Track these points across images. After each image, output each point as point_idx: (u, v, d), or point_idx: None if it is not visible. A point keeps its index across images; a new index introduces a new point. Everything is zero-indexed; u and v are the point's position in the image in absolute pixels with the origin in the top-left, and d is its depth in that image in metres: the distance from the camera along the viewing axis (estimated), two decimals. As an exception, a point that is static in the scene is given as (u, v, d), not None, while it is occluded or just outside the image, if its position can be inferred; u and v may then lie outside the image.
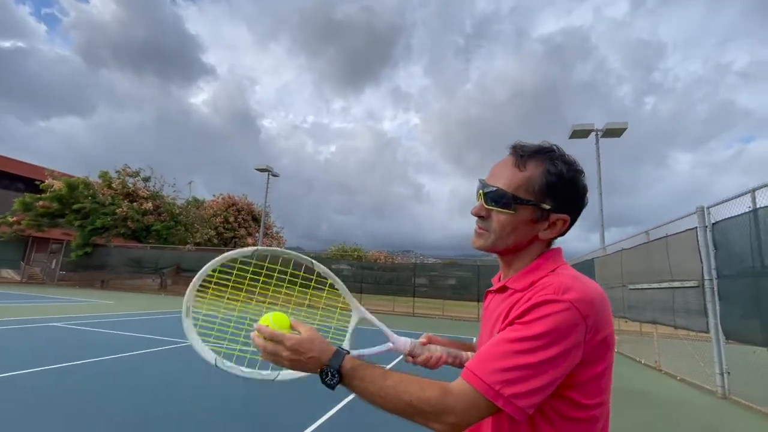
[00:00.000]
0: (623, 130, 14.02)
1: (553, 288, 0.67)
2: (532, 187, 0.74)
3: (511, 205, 0.75)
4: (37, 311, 10.17)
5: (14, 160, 26.87)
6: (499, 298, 0.80)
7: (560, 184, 0.74)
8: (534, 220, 0.76)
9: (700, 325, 5.62)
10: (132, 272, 23.20)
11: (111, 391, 3.96)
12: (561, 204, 0.75)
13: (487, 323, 0.83)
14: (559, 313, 0.64)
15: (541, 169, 0.75)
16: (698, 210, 5.78)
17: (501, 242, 0.78)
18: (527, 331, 0.64)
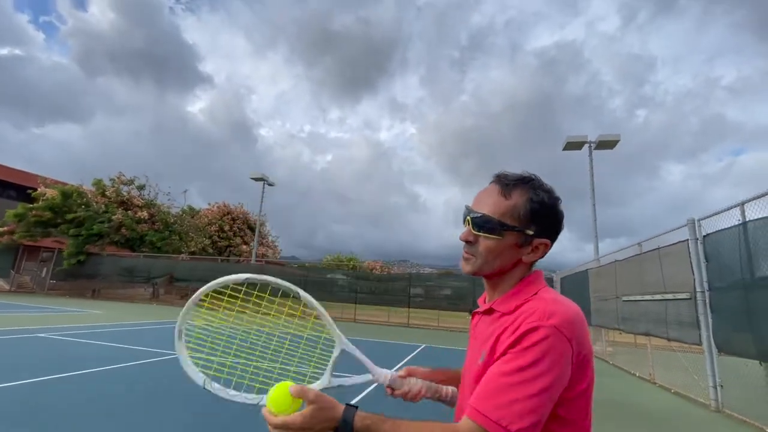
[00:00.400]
0: (616, 142, 14.17)
1: (538, 314, 0.71)
2: (517, 213, 0.80)
3: (498, 230, 0.79)
4: (23, 321, 9.97)
5: (6, 167, 26.67)
6: (487, 320, 0.85)
7: (543, 211, 0.81)
8: (518, 245, 0.81)
9: (693, 338, 5.59)
10: (124, 281, 22.91)
11: (89, 406, 3.85)
12: (543, 229, 0.81)
13: (474, 344, 0.87)
14: (548, 339, 0.68)
15: (525, 197, 0.81)
16: (689, 222, 5.80)
17: (487, 266, 0.82)
18: (522, 361, 0.68)
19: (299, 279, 20.51)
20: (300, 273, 21.46)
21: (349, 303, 19.10)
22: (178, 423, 3.59)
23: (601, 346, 10.23)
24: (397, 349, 9.57)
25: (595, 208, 14.21)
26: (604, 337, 10.20)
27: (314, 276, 21.11)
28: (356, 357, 1.02)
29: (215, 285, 1.01)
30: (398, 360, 7.91)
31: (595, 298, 10.19)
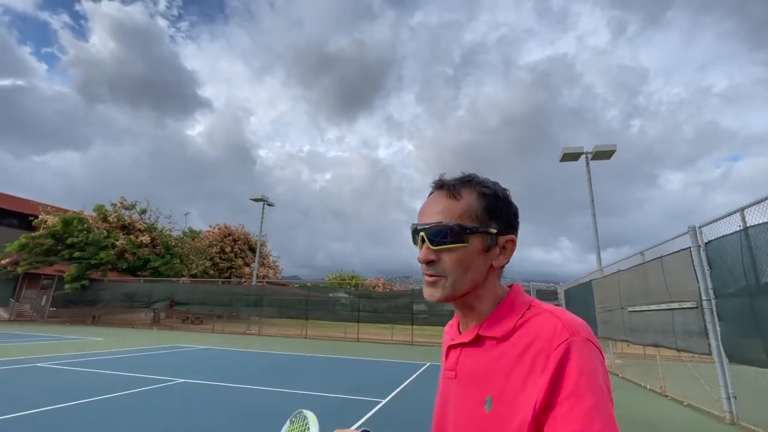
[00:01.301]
0: (612, 153, 14.29)
1: (559, 331, 0.60)
2: (474, 213, 0.69)
3: (461, 236, 0.67)
4: (23, 351, 9.84)
5: (8, 196, 26.84)
6: (476, 353, 0.69)
7: (499, 204, 0.71)
8: (486, 249, 0.69)
9: (702, 347, 5.49)
10: (124, 307, 22.71)
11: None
12: (505, 225, 0.71)
13: (465, 388, 0.68)
14: (589, 356, 0.58)
15: (475, 193, 0.70)
16: (690, 230, 5.79)
17: (460, 284, 0.68)
18: (589, 402, 0.54)
19: (301, 299, 20.34)
20: (302, 293, 21.27)
21: (351, 322, 18.87)
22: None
23: (609, 359, 10.04)
24: (401, 368, 9.40)
25: (596, 219, 14.21)
26: (611, 350, 10.03)
27: (316, 296, 20.92)
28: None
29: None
30: (402, 381, 7.75)
31: (600, 309, 10.07)
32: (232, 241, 35.39)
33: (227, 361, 9.75)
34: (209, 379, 6.98)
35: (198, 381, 6.80)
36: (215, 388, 6.33)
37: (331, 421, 4.74)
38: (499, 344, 0.65)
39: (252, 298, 20.54)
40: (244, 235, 36.41)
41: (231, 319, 23.09)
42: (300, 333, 19.22)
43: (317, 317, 19.74)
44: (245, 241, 36.22)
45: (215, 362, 9.51)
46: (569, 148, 14.86)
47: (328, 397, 5.98)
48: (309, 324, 19.51)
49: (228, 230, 36.03)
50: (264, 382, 7.07)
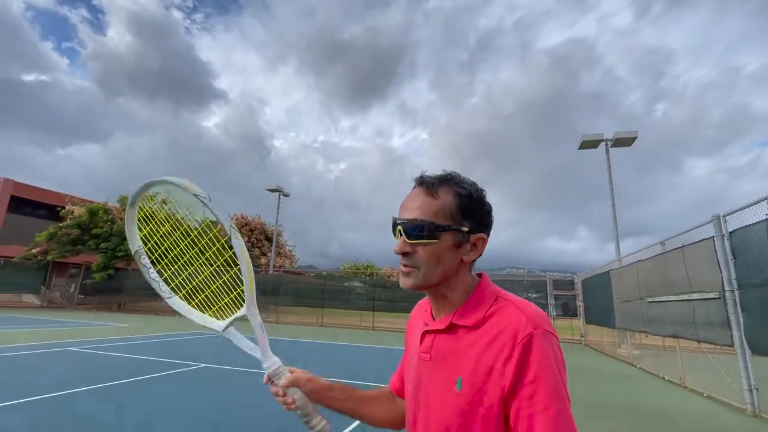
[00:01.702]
0: (633, 139, 13.87)
1: (523, 323, 0.68)
2: (448, 211, 0.74)
3: (434, 233, 0.73)
4: (56, 335, 10.36)
5: (37, 188, 27.90)
6: (449, 339, 0.76)
7: (473, 205, 0.76)
8: (457, 245, 0.75)
9: (724, 339, 5.38)
10: (147, 295, 23.53)
11: (125, 416, 3.97)
12: (477, 224, 0.76)
13: (438, 368, 0.75)
14: (549, 345, 0.67)
15: (452, 193, 0.76)
16: (714, 219, 5.63)
17: (431, 275, 0.75)
18: (544, 384, 0.64)
19: (317, 288, 20.68)
20: (318, 282, 21.62)
21: (367, 311, 19.11)
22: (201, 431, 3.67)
23: (627, 350, 9.92)
24: (417, 356, 9.49)
25: (615, 208, 13.90)
26: (629, 340, 9.89)
27: (332, 285, 21.22)
28: (255, 334, 0.94)
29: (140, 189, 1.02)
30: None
31: (618, 300, 9.92)
32: (249, 231, 36.04)
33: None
34: (230, 364, 7.22)
35: (219, 366, 7.05)
36: (235, 372, 6.55)
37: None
38: (471, 332, 0.73)
39: (269, 287, 21.00)
40: (260, 225, 37.01)
41: (249, 307, 23.67)
42: (316, 321, 19.59)
43: (333, 306, 20.07)
44: (261, 231, 36.82)
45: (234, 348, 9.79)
46: (588, 135, 14.49)
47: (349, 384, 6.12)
48: (325, 312, 19.86)
49: (245, 220, 36.68)
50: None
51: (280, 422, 3.99)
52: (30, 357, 7.08)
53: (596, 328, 12.97)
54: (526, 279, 19.39)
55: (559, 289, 16.31)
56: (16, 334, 10.23)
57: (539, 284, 17.19)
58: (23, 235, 24.29)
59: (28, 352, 7.58)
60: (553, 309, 15.93)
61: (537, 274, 19.07)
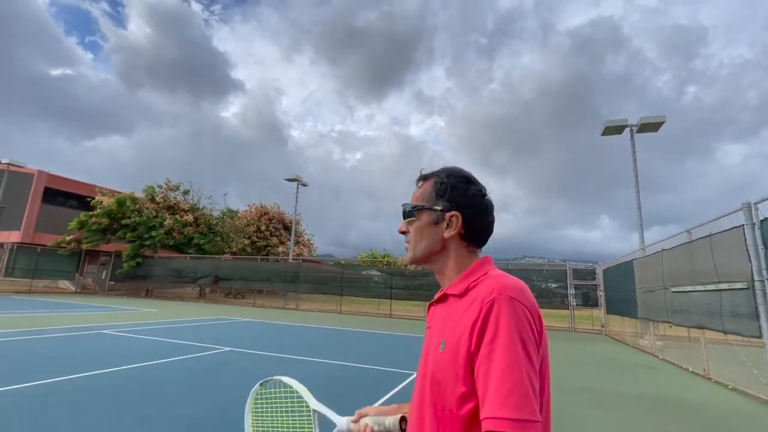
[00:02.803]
0: (660, 124, 13.34)
1: (491, 290, 0.76)
2: (426, 196, 0.92)
3: (413, 212, 0.93)
4: (90, 319, 10.95)
5: (68, 179, 29.10)
6: (441, 307, 0.89)
7: (445, 188, 0.90)
8: (434, 222, 0.90)
9: (752, 330, 5.22)
10: (173, 282, 24.44)
11: (156, 393, 4.21)
12: (451, 204, 0.89)
13: (431, 333, 0.88)
14: (510, 309, 0.72)
15: (432, 181, 0.93)
16: (744, 206, 5.41)
17: (418, 249, 0.91)
18: (500, 342, 0.70)
19: (336, 276, 20.98)
20: (336, 270, 21.90)
21: (384, 299, 19.30)
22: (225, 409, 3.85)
23: (649, 340, 9.73)
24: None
25: (639, 195, 13.47)
26: (652, 331, 9.69)
27: (350, 273, 21.48)
28: (323, 413, 1.05)
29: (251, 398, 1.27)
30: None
31: (641, 290, 9.70)
32: (268, 220, 36.69)
33: (268, 333, 10.37)
34: (252, 348, 7.49)
35: (242, 350, 7.33)
36: (258, 356, 6.80)
37: (367, 390, 5.01)
38: (457, 300, 0.84)
39: (289, 275, 21.43)
40: (278, 214, 37.60)
41: (270, 295, 24.27)
42: (335, 308, 19.93)
43: (351, 294, 20.35)
44: (280, 220, 37.42)
45: (257, 333, 10.14)
46: (612, 120, 14.01)
47: (363, 368, 6.27)
48: (343, 300, 20.17)
49: (264, 209, 37.33)
50: (302, 352, 7.50)
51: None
52: (67, 339, 7.53)
53: (617, 318, 12.74)
54: (546, 268, 19.10)
55: (579, 279, 16.02)
56: (55, 318, 10.86)
57: (559, 274, 16.92)
58: (57, 225, 25.50)
59: (65, 334, 8.06)
60: (573, 299, 15.69)
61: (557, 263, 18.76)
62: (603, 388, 5.63)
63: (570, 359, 8.28)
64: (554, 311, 16.34)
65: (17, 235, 25.78)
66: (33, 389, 4.15)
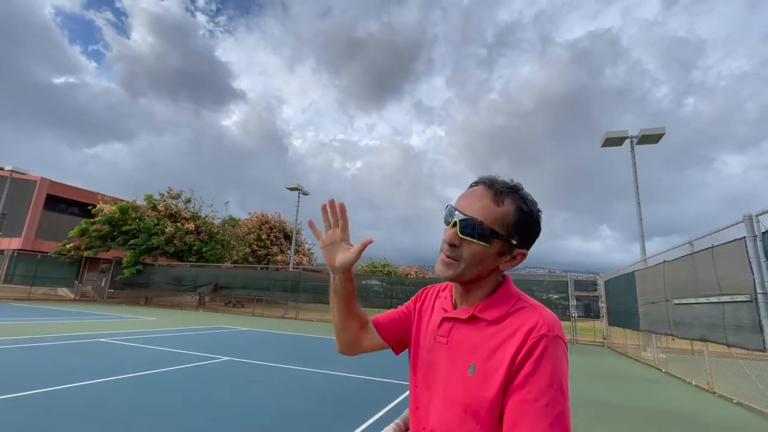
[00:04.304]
0: (660, 136, 13.40)
1: (538, 324, 0.74)
2: (507, 222, 0.78)
3: (488, 238, 0.78)
4: (88, 327, 10.87)
5: (70, 186, 29.21)
6: (468, 329, 0.82)
7: (528, 222, 0.81)
8: (501, 253, 0.81)
9: (755, 343, 5.16)
10: (173, 290, 24.34)
11: (153, 403, 4.16)
12: (525, 240, 0.82)
13: (454, 354, 0.82)
14: (556, 348, 0.72)
15: (515, 206, 0.80)
16: (746, 218, 5.40)
17: (469, 272, 0.80)
18: (543, 378, 0.69)
19: (335, 285, 20.85)
20: (336, 279, 21.80)
21: (385, 309, 19.16)
22: (222, 420, 3.80)
23: (652, 353, 9.62)
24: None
25: (640, 207, 13.46)
26: (655, 343, 9.58)
27: (350, 282, 21.36)
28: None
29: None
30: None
31: (642, 302, 9.62)
32: (269, 229, 36.70)
33: (267, 342, 10.28)
34: (251, 358, 7.42)
35: (241, 359, 7.25)
36: (257, 366, 6.73)
37: (367, 401, 4.94)
38: (490, 326, 0.79)
39: (289, 284, 21.34)
40: (279, 223, 37.62)
41: (270, 304, 24.13)
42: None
43: (351, 303, 20.18)
44: (281, 229, 37.43)
45: (256, 343, 10.06)
46: (612, 132, 14.08)
47: (365, 379, 6.20)
48: (343, 310, 20.02)
49: (265, 218, 37.37)
50: (301, 362, 7.42)
51: (300, 410, 4.08)
52: (64, 347, 7.47)
53: (619, 330, 12.62)
54: (547, 279, 18.99)
55: (581, 290, 15.92)
56: (52, 325, 10.79)
57: (560, 284, 16.82)
58: (58, 232, 25.52)
59: (62, 342, 8.00)
60: (575, 310, 15.56)
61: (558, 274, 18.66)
62: (606, 402, 5.55)
63: (572, 372, 8.11)
64: (556, 322, 16.15)
65: (18, 241, 25.80)
66: (29, 398, 4.10)
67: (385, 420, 3.99)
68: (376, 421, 3.94)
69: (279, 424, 3.83)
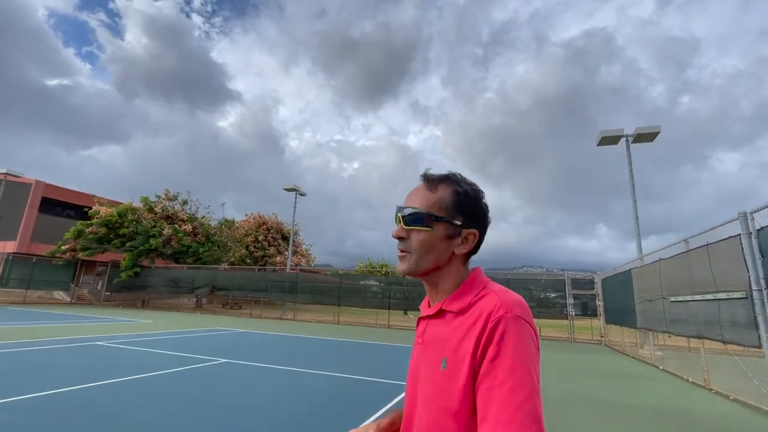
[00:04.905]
0: (656, 135, 13.47)
1: (497, 307, 0.73)
2: (444, 205, 0.82)
3: (427, 222, 0.81)
4: (84, 330, 10.80)
5: (65, 189, 29.04)
6: (438, 324, 0.83)
7: (467, 202, 0.83)
8: (449, 236, 0.82)
9: (751, 340, 5.20)
10: (170, 292, 24.23)
11: (151, 406, 4.14)
12: (470, 220, 0.83)
13: (427, 351, 0.82)
14: (521, 332, 0.70)
15: (450, 189, 0.83)
16: (741, 216, 5.44)
17: (422, 261, 0.82)
18: (506, 362, 0.68)
19: (334, 286, 20.86)
20: (334, 280, 21.79)
21: (382, 309, 19.19)
22: (221, 422, 3.78)
23: (649, 350, 9.67)
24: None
25: (636, 205, 13.53)
26: (652, 341, 9.63)
27: (348, 283, 21.36)
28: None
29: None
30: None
31: (639, 300, 9.67)
32: (266, 230, 36.62)
33: (265, 344, 10.26)
34: (249, 360, 7.40)
35: (238, 361, 7.23)
36: (254, 368, 6.71)
37: (364, 402, 4.94)
38: (457, 317, 0.79)
39: (287, 285, 21.29)
40: (276, 224, 37.54)
41: (267, 305, 24.07)
42: (333, 319, 19.78)
43: (349, 304, 20.22)
44: (278, 230, 37.35)
45: (254, 344, 10.03)
46: (608, 131, 14.15)
47: (361, 380, 6.19)
48: (341, 310, 20.03)
49: (262, 219, 37.28)
50: (299, 363, 7.41)
51: (299, 411, 4.08)
52: (61, 351, 7.42)
53: (617, 328, 12.68)
54: (544, 278, 19.06)
55: (578, 289, 15.98)
56: (48, 329, 10.72)
57: (558, 283, 16.88)
58: (54, 235, 25.36)
59: (58, 345, 7.94)
60: (572, 308, 15.62)
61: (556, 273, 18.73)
62: (603, 399, 5.57)
63: (570, 370, 8.20)
64: (553, 321, 16.26)
65: (13, 245, 25.62)
66: (26, 402, 4.07)
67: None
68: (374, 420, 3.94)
69: (277, 424, 3.82)
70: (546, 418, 0.69)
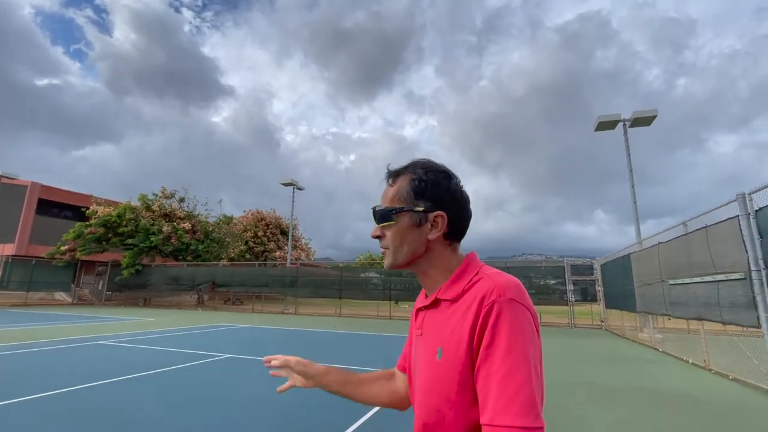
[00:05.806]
0: (653, 118, 13.42)
1: (490, 292, 0.71)
2: (402, 196, 0.84)
3: (390, 216, 0.83)
4: (87, 330, 10.83)
5: (62, 190, 28.88)
6: (434, 313, 0.82)
7: (424, 186, 0.82)
8: (416, 224, 0.82)
9: (750, 320, 5.23)
10: (171, 290, 24.28)
11: (155, 403, 4.16)
12: (433, 203, 0.82)
13: (424, 341, 0.82)
14: (517, 314, 0.68)
15: (407, 179, 0.84)
16: (739, 197, 5.44)
17: (399, 254, 0.83)
18: (500, 347, 0.66)
19: (334, 279, 20.92)
20: (334, 273, 21.85)
21: (384, 301, 19.29)
22: (225, 417, 3.81)
23: (649, 333, 9.75)
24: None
25: (634, 189, 13.53)
26: (651, 324, 9.71)
27: (348, 276, 21.44)
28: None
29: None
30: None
31: (638, 284, 9.73)
32: (265, 226, 36.59)
33: (267, 339, 10.31)
34: (252, 354, 7.44)
35: (241, 356, 7.27)
36: (258, 363, 6.74)
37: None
38: (451, 305, 0.78)
39: (287, 279, 21.35)
40: (275, 219, 37.51)
41: (269, 300, 24.16)
42: (334, 312, 19.88)
43: (350, 296, 20.31)
44: (277, 225, 37.33)
45: (256, 339, 10.08)
46: (605, 116, 14.08)
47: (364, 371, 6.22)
48: (343, 303, 20.13)
49: (260, 215, 37.23)
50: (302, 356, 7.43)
51: (302, 404, 4.11)
52: (64, 351, 7.44)
53: (616, 312, 12.77)
54: (543, 265, 19.13)
55: (577, 275, 16.06)
56: (51, 330, 10.74)
57: (557, 270, 16.95)
58: (52, 236, 25.29)
59: (62, 346, 7.96)
60: (572, 294, 15.72)
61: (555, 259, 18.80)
62: (603, 383, 5.63)
63: (570, 355, 8.28)
64: (553, 307, 16.36)
65: (11, 247, 25.56)
66: (30, 403, 4.09)
67: (385, 413, 4.01)
68: (374, 415, 3.97)
69: (283, 417, 3.85)
70: (547, 403, 0.68)
